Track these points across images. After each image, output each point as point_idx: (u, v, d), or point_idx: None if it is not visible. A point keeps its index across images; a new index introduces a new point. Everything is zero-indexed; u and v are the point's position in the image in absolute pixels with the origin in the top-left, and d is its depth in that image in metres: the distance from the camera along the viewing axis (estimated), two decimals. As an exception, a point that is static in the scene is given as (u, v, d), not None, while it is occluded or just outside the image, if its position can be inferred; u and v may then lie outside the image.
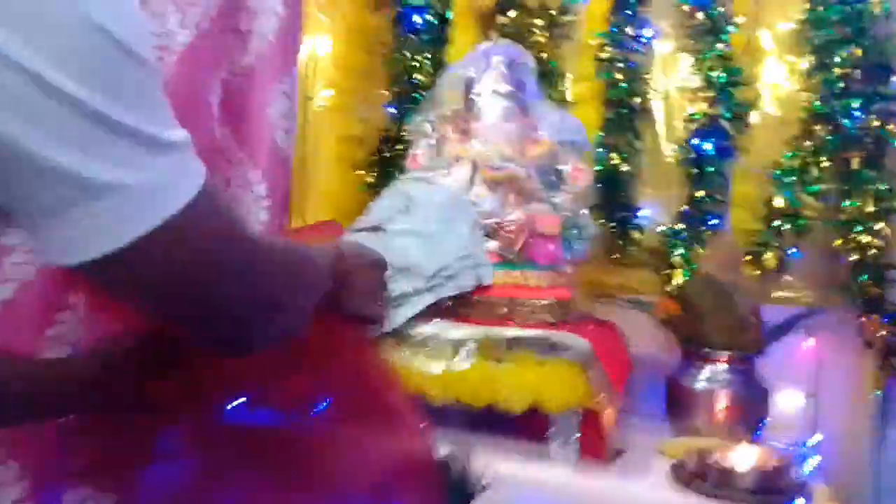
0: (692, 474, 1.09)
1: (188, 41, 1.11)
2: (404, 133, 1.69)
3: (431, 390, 1.18)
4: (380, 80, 1.79)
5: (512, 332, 1.19)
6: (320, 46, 1.86)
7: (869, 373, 1.36)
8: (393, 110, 1.75)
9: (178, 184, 0.49)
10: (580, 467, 1.14)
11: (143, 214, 0.47)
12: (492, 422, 1.17)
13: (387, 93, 1.78)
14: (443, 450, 1.08)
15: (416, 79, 1.71)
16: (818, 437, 1.35)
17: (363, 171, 1.75)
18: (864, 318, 1.34)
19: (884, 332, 1.30)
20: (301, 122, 1.70)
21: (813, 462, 1.23)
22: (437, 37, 1.73)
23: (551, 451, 1.16)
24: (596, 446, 1.15)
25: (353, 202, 1.75)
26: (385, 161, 1.73)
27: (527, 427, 1.18)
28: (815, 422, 1.42)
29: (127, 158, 0.46)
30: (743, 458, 1.08)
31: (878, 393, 1.35)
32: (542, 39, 1.61)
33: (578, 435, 1.14)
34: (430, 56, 1.72)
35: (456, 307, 1.27)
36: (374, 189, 1.72)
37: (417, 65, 1.71)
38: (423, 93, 1.69)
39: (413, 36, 1.73)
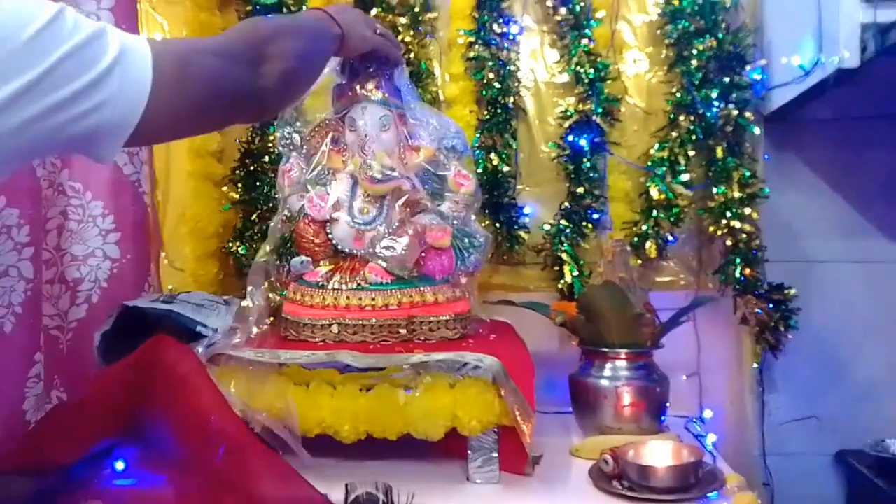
0: (611, 476, 1.10)
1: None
2: (270, 144, 1.57)
3: (341, 428, 1.12)
4: (235, 88, 1.64)
5: (417, 357, 1.14)
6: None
7: (747, 348, 1.46)
8: (253, 120, 1.61)
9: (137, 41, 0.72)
10: (502, 485, 1.12)
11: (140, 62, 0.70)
12: (409, 447, 1.13)
13: (243, 101, 1.63)
14: (361, 488, 1.03)
15: (275, 85, 1.57)
16: (708, 413, 1.43)
17: (226, 188, 1.61)
18: (739, 298, 1.42)
19: (758, 310, 1.39)
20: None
21: (711, 439, 1.29)
22: (294, 38, 1.60)
23: (471, 472, 1.13)
24: (516, 461, 1.14)
25: (216, 221, 1.62)
26: (251, 175, 1.60)
27: (446, 447, 1.14)
28: (700, 400, 1.51)
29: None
30: (658, 454, 1.10)
31: (756, 366, 1.45)
32: (408, 38, 1.54)
33: (496, 454, 1.13)
34: (287, 60, 1.59)
35: (353, 332, 1.21)
36: (243, 206, 1.60)
37: (275, 69, 1.57)
38: (286, 100, 1.56)
39: (266, 38, 1.59)
